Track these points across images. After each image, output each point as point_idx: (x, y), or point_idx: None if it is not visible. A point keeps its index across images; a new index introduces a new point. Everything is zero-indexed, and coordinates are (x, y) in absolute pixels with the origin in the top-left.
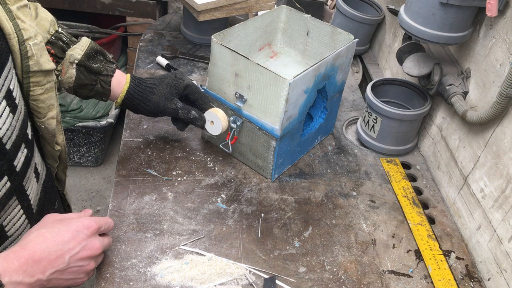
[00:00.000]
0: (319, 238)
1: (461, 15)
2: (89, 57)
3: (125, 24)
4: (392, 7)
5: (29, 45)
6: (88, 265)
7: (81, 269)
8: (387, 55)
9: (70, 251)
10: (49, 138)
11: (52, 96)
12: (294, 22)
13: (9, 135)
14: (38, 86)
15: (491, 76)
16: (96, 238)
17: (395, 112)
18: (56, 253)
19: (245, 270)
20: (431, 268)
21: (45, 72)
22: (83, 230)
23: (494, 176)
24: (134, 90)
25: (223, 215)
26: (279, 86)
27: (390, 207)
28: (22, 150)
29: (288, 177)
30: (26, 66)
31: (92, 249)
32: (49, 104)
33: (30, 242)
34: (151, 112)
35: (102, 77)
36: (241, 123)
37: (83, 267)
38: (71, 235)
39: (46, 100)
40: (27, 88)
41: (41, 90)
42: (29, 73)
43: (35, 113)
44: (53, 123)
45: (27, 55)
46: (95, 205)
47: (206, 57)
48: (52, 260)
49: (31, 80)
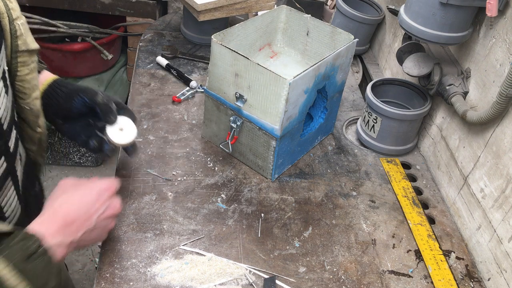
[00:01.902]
0: (319, 238)
1: (461, 15)
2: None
3: (125, 24)
4: (392, 7)
5: (17, 25)
6: (111, 224)
7: (105, 228)
8: (387, 55)
9: (96, 212)
10: (32, 120)
11: (35, 77)
12: (294, 22)
13: (5, 116)
14: (24, 66)
15: (491, 76)
16: (115, 198)
17: (395, 112)
18: (85, 215)
19: (245, 270)
20: (431, 268)
21: (30, 52)
22: (104, 192)
23: (494, 176)
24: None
25: (223, 215)
26: (279, 86)
27: (390, 207)
28: (13, 131)
29: (288, 177)
30: (15, 45)
31: (114, 208)
32: (33, 84)
33: (61, 207)
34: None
35: None
36: (241, 123)
37: (107, 226)
38: (95, 197)
39: (31, 80)
40: (15, 69)
41: (27, 70)
42: (17, 52)
43: (20, 95)
44: (38, 103)
45: (16, 35)
46: None
47: (206, 57)
48: (83, 221)
49: (19, 60)
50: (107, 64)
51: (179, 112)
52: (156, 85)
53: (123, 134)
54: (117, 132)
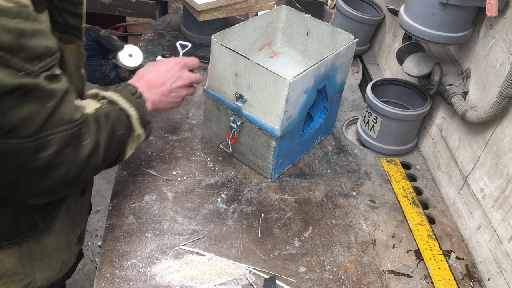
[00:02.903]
0: (319, 238)
1: (461, 15)
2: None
3: (125, 24)
4: (392, 7)
5: None
6: (182, 92)
7: (178, 95)
8: (387, 55)
9: (170, 79)
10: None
11: None
12: (294, 22)
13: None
14: None
15: (491, 76)
16: (185, 71)
17: (395, 112)
18: (161, 80)
19: (245, 270)
20: (431, 268)
21: None
22: (174, 65)
23: (494, 176)
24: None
25: (223, 215)
26: (279, 86)
27: (390, 207)
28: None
29: (288, 177)
30: None
31: (183, 78)
32: None
33: (142, 75)
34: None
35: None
36: (241, 123)
37: (179, 93)
38: (167, 69)
39: None
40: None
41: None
42: None
43: None
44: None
45: None
46: (95, 205)
47: (206, 57)
48: (160, 85)
49: None
50: None
51: (179, 112)
52: None
53: (132, 58)
54: (128, 57)
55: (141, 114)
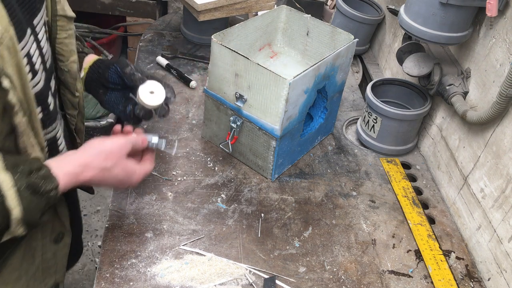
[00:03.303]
0: (319, 238)
1: (461, 15)
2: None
3: (125, 24)
4: (392, 7)
5: None
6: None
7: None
8: (387, 55)
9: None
10: (71, 83)
11: (72, 43)
12: (294, 22)
13: (47, 58)
14: (63, 31)
15: (491, 76)
16: (127, 162)
17: (395, 112)
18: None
19: (245, 270)
20: (431, 268)
21: (68, 18)
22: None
23: (494, 176)
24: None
25: (223, 215)
26: (279, 86)
27: (390, 207)
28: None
29: (288, 177)
30: (55, 10)
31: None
32: (71, 49)
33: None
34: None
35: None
36: (241, 123)
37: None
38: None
39: (69, 45)
40: (55, 31)
41: (65, 34)
42: (56, 16)
43: (60, 57)
44: (75, 66)
45: (55, 1)
46: (95, 205)
47: (206, 57)
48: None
49: (58, 23)
50: None
51: (179, 112)
52: None
53: (153, 96)
54: (148, 94)
55: (30, 215)
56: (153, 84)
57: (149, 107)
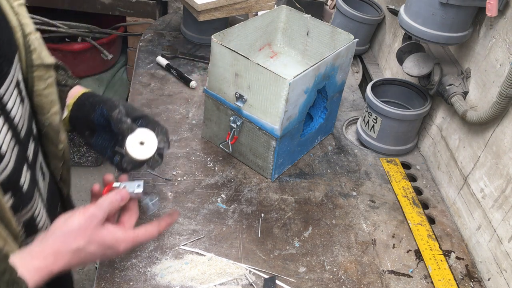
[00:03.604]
0: (319, 238)
1: (461, 15)
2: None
3: (125, 24)
4: (392, 7)
5: (31, 39)
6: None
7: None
8: (387, 55)
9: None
10: (53, 136)
11: (53, 92)
12: (294, 22)
13: (22, 124)
14: (41, 81)
15: (491, 76)
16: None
17: (395, 112)
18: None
19: (245, 270)
20: (431, 268)
21: (46, 66)
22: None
23: (494, 176)
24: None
25: (223, 215)
26: (279, 86)
27: (390, 207)
28: (31, 142)
29: (288, 177)
30: (30, 60)
31: (97, 242)
32: (52, 99)
33: (45, 237)
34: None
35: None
36: (241, 123)
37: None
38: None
39: (49, 95)
40: (32, 83)
41: (43, 84)
42: (33, 67)
43: (39, 110)
44: (57, 118)
45: (30, 49)
46: None
47: (206, 57)
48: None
49: (35, 74)
50: (107, 64)
51: (179, 112)
52: (156, 85)
53: (143, 148)
54: (137, 146)
55: None
56: (144, 133)
57: (137, 160)
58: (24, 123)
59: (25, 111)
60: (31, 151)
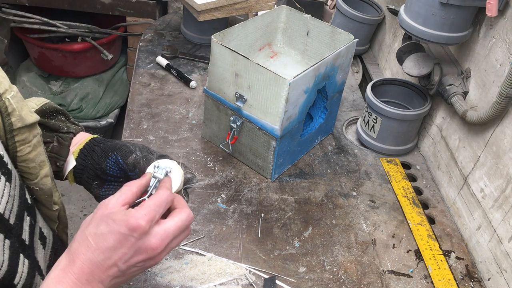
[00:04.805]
0: (319, 238)
1: (461, 15)
2: (45, 114)
3: (125, 24)
4: (392, 7)
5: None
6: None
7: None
8: (387, 55)
9: (121, 258)
10: (46, 200)
11: (41, 152)
12: (294, 22)
13: (10, 208)
14: (25, 144)
15: (491, 76)
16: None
17: (395, 112)
18: (106, 262)
19: (245, 270)
20: (431, 268)
21: (30, 127)
22: (130, 233)
23: (494, 176)
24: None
25: (223, 215)
26: (279, 86)
27: (390, 207)
28: (25, 220)
29: (288, 177)
30: (9, 124)
31: (147, 250)
32: (40, 162)
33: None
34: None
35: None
36: (241, 123)
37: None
38: (116, 241)
39: (36, 158)
40: (13, 150)
41: (29, 148)
42: (13, 132)
43: (26, 176)
44: (48, 181)
45: (7, 112)
46: (95, 205)
47: (206, 57)
48: (105, 270)
49: (17, 139)
50: (107, 64)
51: (179, 112)
52: (156, 85)
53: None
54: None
55: None
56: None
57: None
58: (14, 203)
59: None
60: (26, 232)
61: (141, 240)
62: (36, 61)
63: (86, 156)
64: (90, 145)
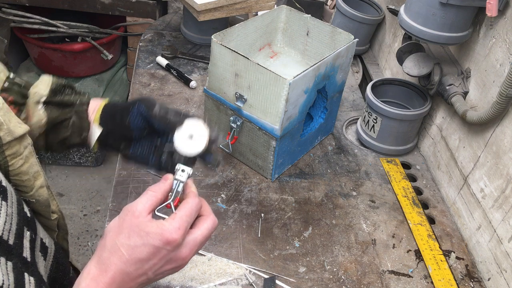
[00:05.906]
0: (319, 238)
1: (461, 15)
2: (57, 92)
3: (125, 24)
4: (392, 7)
5: None
6: (177, 269)
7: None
8: (387, 55)
9: (152, 268)
10: (43, 210)
11: (34, 163)
12: (294, 22)
13: (9, 228)
14: (16, 158)
15: (491, 76)
16: (182, 247)
17: (395, 112)
18: (137, 272)
19: (245, 270)
20: (431, 268)
21: (19, 139)
22: (163, 246)
23: (494, 176)
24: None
25: (223, 215)
26: (279, 86)
27: (390, 207)
28: (25, 236)
29: (288, 177)
30: None
31: (177, 260)
32: (34, 173)
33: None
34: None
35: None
36: (241, 123)
37: (171, 272)
38: (150, 253)
39: (29, 170)
40: (5, 164)
41: (21, 160)
42: (2, 146)
43: (21, 189)
44: (44, 192)
45: None
46: (95, 205)
47: (206, 57)
48: (134, 278)
49: (7, 153)
50: (107, 64)
51: None
52: (156, 85)
53: (192, 142)
54: (187, 140)
55: None
56: (192, 125)
57: (189, 156)
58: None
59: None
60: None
61: (173, 252)
62: (36, 61)
63: (108, 119)
64: (108, 107)
